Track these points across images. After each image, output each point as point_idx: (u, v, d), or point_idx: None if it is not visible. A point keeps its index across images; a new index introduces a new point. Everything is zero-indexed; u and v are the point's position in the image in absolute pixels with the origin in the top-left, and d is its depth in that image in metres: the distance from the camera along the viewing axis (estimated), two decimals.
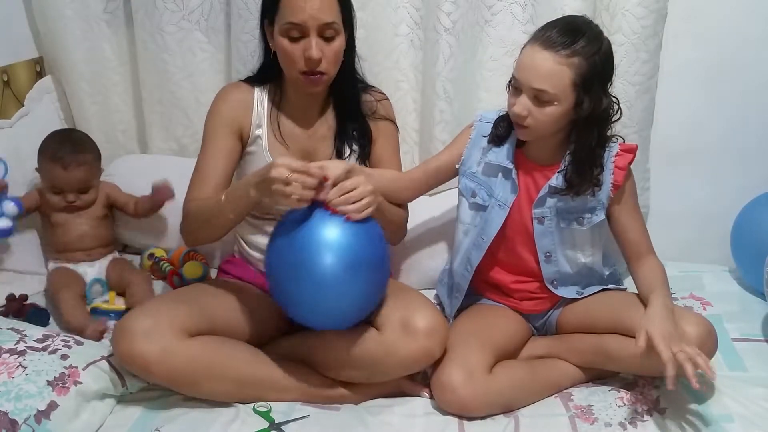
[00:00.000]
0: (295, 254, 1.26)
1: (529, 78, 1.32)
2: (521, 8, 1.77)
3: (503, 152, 1.47)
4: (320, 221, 1.26)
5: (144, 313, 1.32)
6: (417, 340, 1.32)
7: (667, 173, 1.94)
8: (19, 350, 1.31)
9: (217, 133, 1.47)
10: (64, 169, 1.71)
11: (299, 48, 1.36)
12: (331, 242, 1.25)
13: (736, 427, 1.31)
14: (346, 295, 1.27)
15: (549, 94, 1.31)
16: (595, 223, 1.46)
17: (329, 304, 1.28)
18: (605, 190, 1.44)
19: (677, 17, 1.77)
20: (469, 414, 1.36)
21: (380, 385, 1.43)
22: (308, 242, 1.25)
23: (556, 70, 1.30)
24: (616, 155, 1.44)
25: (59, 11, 1.89)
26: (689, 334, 1.31)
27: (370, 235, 1.30)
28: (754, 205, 1.84)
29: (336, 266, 1.24)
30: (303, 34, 1.35)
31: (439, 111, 1.82)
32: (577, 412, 1.37)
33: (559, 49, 1.30)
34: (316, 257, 1.24)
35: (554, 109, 1.33)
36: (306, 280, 1.25)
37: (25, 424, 1.19)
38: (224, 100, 1.50)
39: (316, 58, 1.35)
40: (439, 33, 1.75)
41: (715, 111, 1.91)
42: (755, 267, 1.73)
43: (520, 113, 1.35)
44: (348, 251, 1.25)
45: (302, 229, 1.26)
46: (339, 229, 1.26)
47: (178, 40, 1.87)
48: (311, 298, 1.27)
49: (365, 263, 1.27)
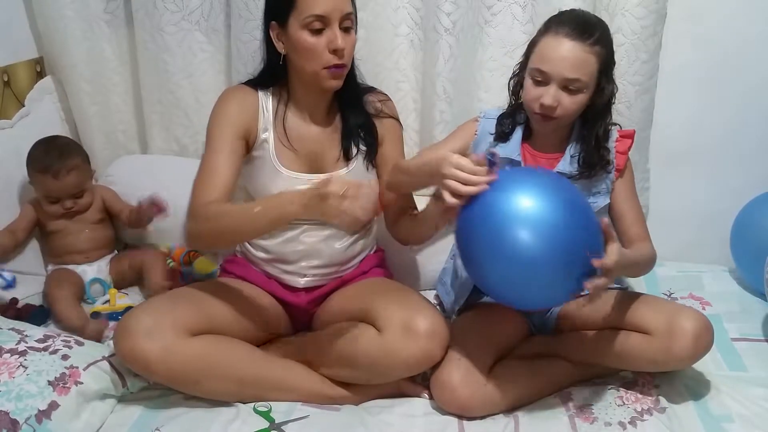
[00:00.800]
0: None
1: (560, 68, 1.35)
2: (521, 8, 1.77)
3: (510, 146, 1.50)
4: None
5: (145, 312, 1.32)
6: (418, 342, 1.32)
7: (666, 173, 1.94)
8: (20, 350, 1.31)
9: (225, 134, 1.45)
10: (55, 178, 1.70)
11: (323, 41, 1.36)
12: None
13: (736, 427, 1.32)
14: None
15: (581, 82, 1.36)
16: (601, 206, 1.49)
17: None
18: (609, 175, 1.48)
19: (677, 17, 1.77)
20: (469, 413, 1.36)
21: (380, 386, 1.43)
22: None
23: (585, 58, 1.35)
24: (616, 141, 1.48)
25: (59, 11, 1.89)
26: (685, 329, 1.31)
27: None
28: (754, 205, 1.84)
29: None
30: (326, 25, 1.35)
31: (440, 111, 1.82)
32: (576, 411, 1.38)
33: (585, 39, 1.35)
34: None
35: (583, 96, 1.38)
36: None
37: (26, 423, 1.19)
38: (231, 101, 1.48)
39: (342, 48, 1.36)
40: (439, 33, 1.75)
41: (715, 111, 1.92)
42: (755, 267, 1.73)
43: (551, 104, 1.38)
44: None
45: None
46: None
47: (178, 41, 1.87)
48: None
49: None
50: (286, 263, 1.53)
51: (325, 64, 1.38)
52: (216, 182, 1.41)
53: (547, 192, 1.21)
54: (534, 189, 1.20)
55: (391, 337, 1.33)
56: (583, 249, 1.18)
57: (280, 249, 1.52)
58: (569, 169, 1.47)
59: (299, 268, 1.53)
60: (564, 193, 1.23)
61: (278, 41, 1.41)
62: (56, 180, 1.70)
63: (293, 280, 1.55)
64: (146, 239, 1.92)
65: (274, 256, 1.54)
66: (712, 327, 1.36)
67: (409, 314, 1.34)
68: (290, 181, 1.46)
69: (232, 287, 1.49)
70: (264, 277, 1.56)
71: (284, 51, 1.42)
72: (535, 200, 1.18)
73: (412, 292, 1.50)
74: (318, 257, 1.53)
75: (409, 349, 1.32)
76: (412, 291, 1.52)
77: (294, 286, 1.55)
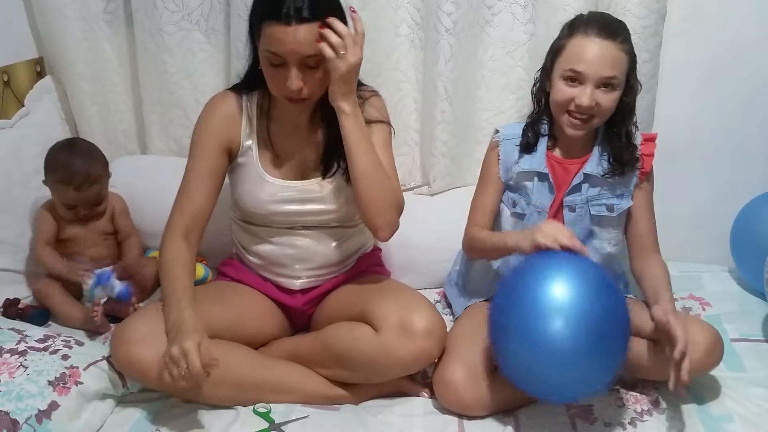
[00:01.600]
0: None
1: (597, 67, 1.37)
2: (522, 8, 1.77)
3: (536, 158, 1.50)
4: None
5: (141, 320, 1.33)
6: (415, 341, 1.32)
7: (667, 173, 1.93)
8: (20, 350, 1.31)
9: (205, 151, 1.43)
10: (77, 190, 1.66)
11: (281, 74, 1.32)
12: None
13: (736, 427, 1.32)
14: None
15: (617, 79, 1.38)
16: (624, 209, 1.50)
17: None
18: (633, 177, 1.49)
19: (677, 17, 1.77)
20: (471, 413, 1.36)
21: (379, 386, 1.43)
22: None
23: (619, 57, 1.38)
24: (641, 144, 1.50)
25: (59, 11, 1.89)
26: (698, 343, 1.32)
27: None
28: (754, 205, 1.84)
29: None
30: (284, 62, 1.31)
31: (440, 111, 1.82)
32: (577, 411, 1.38)
33: (616, 38, 1.38)
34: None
35: (618, 94, 1.41)
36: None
37: (26, 423, 1.19)
38: (213, 114, 1.45)
39: (295, 90, 1.32)
40: (440, 33, 1.75)
41: (716, 110, 1.92)
42: (755, 267, 1.73)
43: (589, 104, 1.39)
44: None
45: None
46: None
47: (178, 41, 1.87)
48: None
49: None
50: (280, 266, 1.54)
51: (284, 95, 1.36)
52: (188, 204, 1.42)
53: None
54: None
55: (387, 337, 1.32)
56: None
57: (273, 254, 1.52)
58: (597, 170, 1.47)
59: (294, 271, 1.53)
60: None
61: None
62: (78, 192, 1.67)
63: (289, 283, 1.55)
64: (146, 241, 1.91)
65: (267, 261, 1.54)
66: (722, 340, 1.37)
67: (406, 313, 1.34)
68: (276, 188, 1.46)
69: (228, 290, 1.49)
70: (260, 280, 1.56)
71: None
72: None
73: (409, 290, 1.50)
74: (312, 260, 1.53)
75: (406, 348, 1.32)
76: (409, 289, 1.51)
77: (290, 288, 1.55)
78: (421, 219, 1.80)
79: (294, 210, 1.48)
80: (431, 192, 1.94)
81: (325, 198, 1.48)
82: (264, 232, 1.51)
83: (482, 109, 1.88)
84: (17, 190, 1.79)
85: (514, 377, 1.26)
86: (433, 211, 1.86)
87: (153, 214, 1.86)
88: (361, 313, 1.39)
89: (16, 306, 1.64)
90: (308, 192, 1.47)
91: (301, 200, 1.47)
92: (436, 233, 1.82)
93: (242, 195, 1.49)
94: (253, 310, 1.50)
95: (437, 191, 1.93)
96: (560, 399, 1.34)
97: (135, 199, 1.87)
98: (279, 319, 1.57)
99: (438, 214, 1.85)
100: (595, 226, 1.51)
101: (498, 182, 1.54)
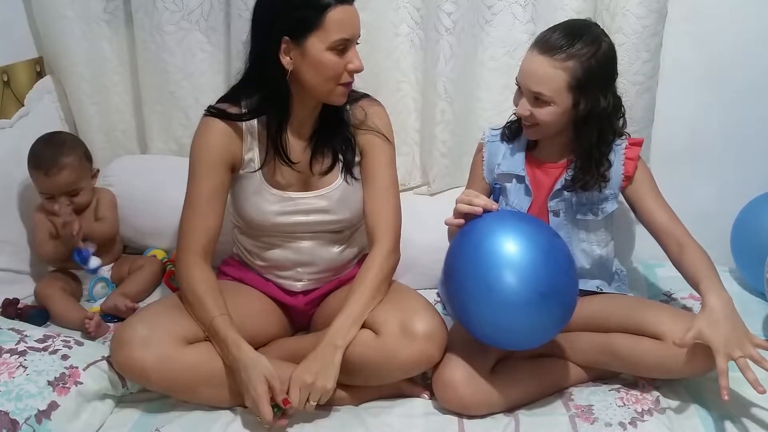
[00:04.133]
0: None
1: (527, 81, 1.39)
2: (521, 8, 1.77)
3: (515, 160, 1.52)
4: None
5: (141, 322, 1.33)
6: (416, 344, 1.32)
7: (667, 173, 1.93)
8: (19, 350, 1.31)
9: (208, 169, 1.41)
10: (46, 175, 1.69)
11: (343, 62, 1.35)
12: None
13: (735, 427, 1.31)
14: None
15: (545, 96, 1.37)
16: (609, 212, 1.50)
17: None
18: (616, 181, 1.48)
19: (677, 17, 1.77)
20: (470, 412, 1.36)
21: (379, 387, 1.42)
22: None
23: (551, 74, 1.36)
24: (626, 148, 1.49)
25: (59, 11, 1.89)
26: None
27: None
28: (754, 205, 1.84)
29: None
30: (348, 47, 1.35)
31: (440, 111, 1.82)
32: (577, 411, 1.37)
33: (554, 54, 1.35)
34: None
35: (552, 109, 1.39)
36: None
37: (25, 424, 1.19)
38: (211, 131, 1.41)
39: (361, 69, 1.37)
40: (440, 33, 1.74)
41: (716, 110, 1.91)
42: (755, 267, 1.73)
43: (522, 113, 1.42)
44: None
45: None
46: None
47: (178, 40, 1.87)
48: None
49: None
50: (283, 269, 1.54)
51: (342, 82, 1.38)
52: (204, 223, 1.41)
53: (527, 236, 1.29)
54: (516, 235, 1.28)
55: (388, 340, 1.32)
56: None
57: (276, 258, 1.52)
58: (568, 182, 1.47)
59: (295, 273, 1.54)
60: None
61: (286, 57, 1.35)
62: (47, 177, 1.69)
63: (290, 285, 1.55)
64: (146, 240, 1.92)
65: (270, 264, 1.54)
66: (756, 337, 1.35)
67: (407, 316, 1.34)
68: (281, 201, 1.46)
69: (228, 290, 1.49)
70: (261, 280, 1.56)
71: (291, 67, 1.35)
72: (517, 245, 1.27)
73: (410, 292, 1.49)
74: (313, 264, 1.53)
75: (407, 351, 1.32)
76: (409, 291, 1.51)
77: (291, 289, 1.55)
78: (421, 219, 1.79)
79: (299, 221, 1.48)
80: (431, 192, 1.94)
81: (330, 209, 1.48)
82: (267, 239, 1.52)
83: (482, 109, 1.88)
84: (17, 190, 1.79)
85: (468, 328, 1.35)
86: (433, 211, 1.85)
87: (153, 213, 1.87)
88: None
89: (15, 306, 1.64)
90: (313, 204, 1.47)
91: (305, 212, 1.47)
92: (435, 233, 1.80)
93: (246, 208, 1.48)
94: (254, 310, 1.50)
95: (437, 191, 1.93)
96: (511, 346, 1.38)
97: (135, 199, 1.88)
98: (280, 319, 1.57)
99: (438, 214, 1.82)
100: (582, 229, 1.51)
101: (482, 183, 1.57)
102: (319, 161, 1.48)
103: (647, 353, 1.36)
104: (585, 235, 1.52)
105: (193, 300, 1.37)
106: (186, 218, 1.43)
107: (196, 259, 1.40)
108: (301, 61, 1.34)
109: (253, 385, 1.27)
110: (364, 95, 1.53)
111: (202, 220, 1.41)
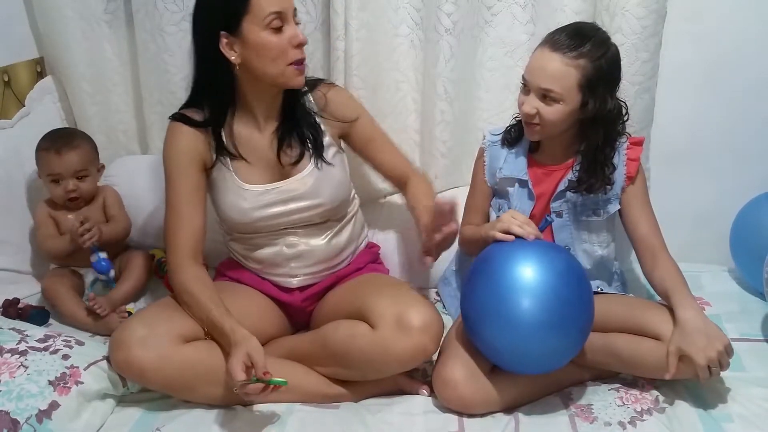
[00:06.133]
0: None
1: (537, 78, 1.38)
2: (521, 8, 1.77)
3: (517, 164, 1.52)
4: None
5: (140, 322, 1.34)
6: (412, 337, 1.32)
7: (666, 173, 1.94)
8: (20, 350, 1.31)
9: (184, 171, 1.44)
10: (57, 153, 1.68)
11: (285, 39, 1.36)
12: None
13: (735, 427, 1.32)
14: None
15: (556, 93, 1.37)
16: (612, 212, 1.50)
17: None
18: (619, 181, 1.48)
19: (677, 17, 1.77)
20: (470, 411, 1.37)
21: (378, 384, 1.43)
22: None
23: (563, 70, 1.36)
24: (627, 148, 1.49)
25: (60, 11, 1.89)
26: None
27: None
28: (754, 205, 1.84)
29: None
30: (284, 22, 1.36)
31: (440, 111, 1.82)
32: (576, 411, 1.38)
33: (566, 51, 1.36)
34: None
35: (560, 107, 1.39)
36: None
37: (26, 423, 1.19)
38: (178, 135, 1.46)
39: (305, 41, 1.38)
40: (440, 33, 1.75)
41: (715, 111, 1.92)
42: (754, 267, 1.73)
43: (528, 112, 1.41)
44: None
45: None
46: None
47: (179, 41, 1.87)
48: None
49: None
50: (277, 267, 1.55)
51: (290, 61, 1.38)
52: (189, 223, 1.43)
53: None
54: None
55: (384, 333, 1.33)
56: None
57: (268, 257, 1.54)
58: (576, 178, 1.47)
59: (290, 269, 1.54)
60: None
61: (230, 51, 1.37)
62: (59, 156, 1.68)
63: (285, 281, 1.56)
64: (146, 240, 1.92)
65: (264, 264, 1.55)
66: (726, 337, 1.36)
67: (402, 309, 1.35)
68: (256, 194, 1.47)
69: (226, 290, 1.49)
70: (258, 278, 1.57)
71: (239, 60, 1.38)
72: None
73: (406, 287, 1.51)
74: (305, 257, 1.54)
75: (403, 343, 1.33)
76: (405, 285, 1.53)
77: (287, 286, 1.56)
78: None
79: (278, 212, 1.49)
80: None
81: (306, 194, 1.49)
82: (255, 239, 1.53)
83: (482, 109, 1.88)
84: (18, 190, 1.80)
85: (486, 354, 1.38)
86: None
87: (153, 213, 1.87)
88: (358, 311, 1.40)
89: (16, 306, 1.64)
90: (288, 191, 1.48)
91: (282, 201, 1.48)
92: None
93: (225, 208, 1.50)
94: (252, 310, 1.50)
95: (437, 191, 1.93)
96: (526, 371, 1.39)
97: (135, 199, 1.88)
98: (278, 318, 1.57)
99: None
100: (584, 230, 1.52)
101: (484, 187, 1.58)
102: (286, 153, 1.49)
103: (647, 354, 1.37)
104: (587, 236, 1.52)
105: (189, 299, 1.38)
106: (170, 222, 1.45)
107: (186, 260, 1.42)
108: (244, 50, 1.37)
109: (234, 353, 1.28)
110: (320, 80, 1.56)
111: (186, 222, 1.43)
